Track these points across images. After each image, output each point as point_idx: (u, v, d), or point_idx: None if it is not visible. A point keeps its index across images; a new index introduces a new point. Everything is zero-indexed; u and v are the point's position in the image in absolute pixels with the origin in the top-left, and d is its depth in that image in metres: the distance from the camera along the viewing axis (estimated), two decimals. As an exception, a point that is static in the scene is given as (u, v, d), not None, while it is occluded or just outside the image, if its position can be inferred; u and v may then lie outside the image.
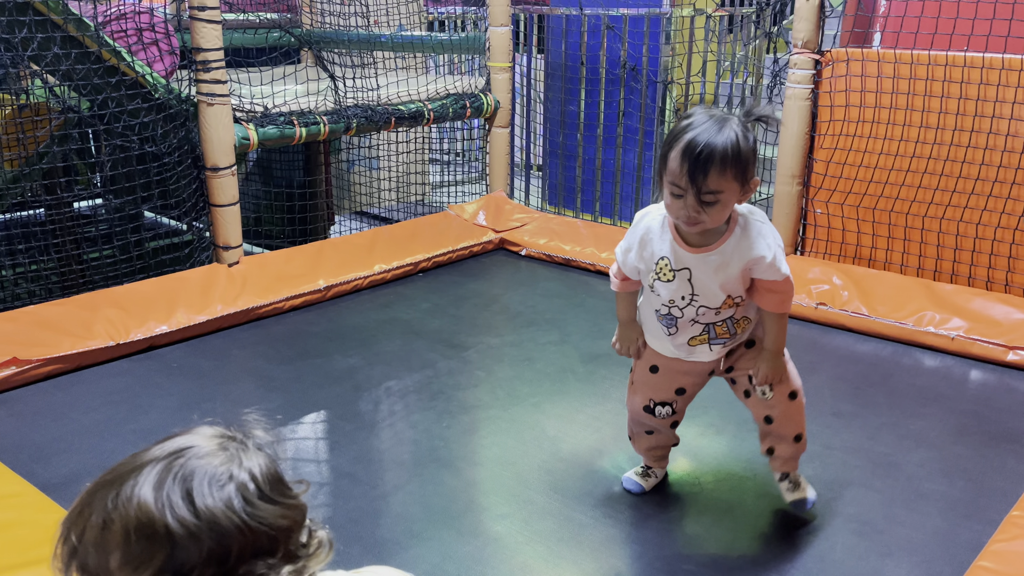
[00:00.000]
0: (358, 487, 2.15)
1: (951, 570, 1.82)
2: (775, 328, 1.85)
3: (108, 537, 0.82)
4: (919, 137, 3.30)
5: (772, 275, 1.78)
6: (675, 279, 1.80)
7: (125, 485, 0.84)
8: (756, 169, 1.70)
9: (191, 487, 0.84)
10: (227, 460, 0.88)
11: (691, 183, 1.63)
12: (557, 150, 4.90)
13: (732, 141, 1.63)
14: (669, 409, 1.99)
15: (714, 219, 1.69)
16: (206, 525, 0.83)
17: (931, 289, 3.19)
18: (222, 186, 3.35)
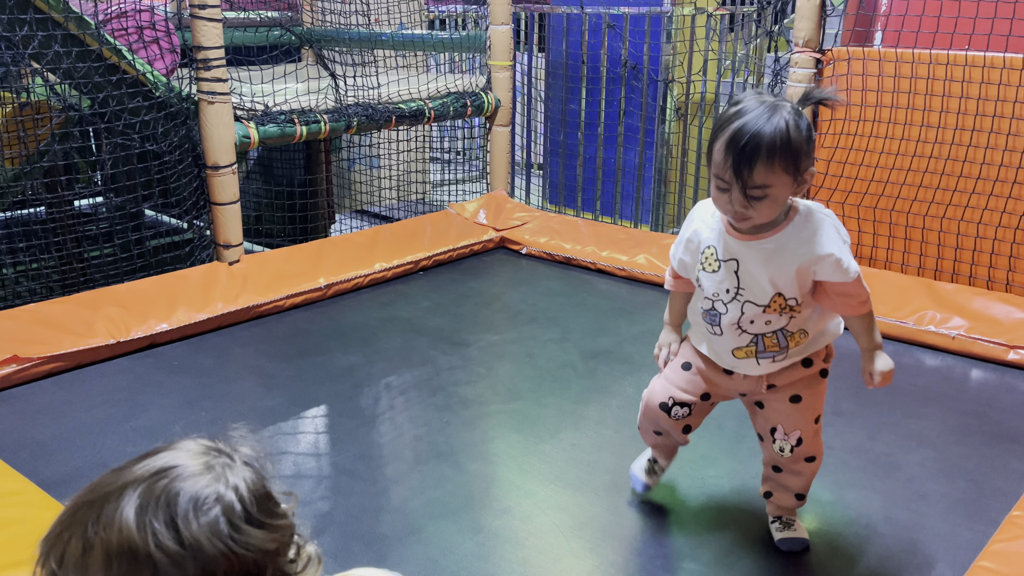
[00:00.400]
0: (359, 483, 2.15)
1: (953, 571, 1.82)
2: (863, 328, 1.68)
3: (89, 561, 0.80)
4: (920, 136, 3.30)
5: (840, 276, 1.59)
6: (720, 270, 1.65)
7: (107, 507, 0.81)
8: (812, 157, 1.56)
9: (175, 512, 0.81)
10: (213, 480, 0.84)
11: (736, 177, 1.50)
12: (558, 149, 4.90)
13: (781, 129, 1.48)
14: (687, 411, 1.85)
15: (764, 214, 1.55)
16: (190, 552, 0.80)
17: (932, 288, 3.19)
18: (223, 184, 3.35)
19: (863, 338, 1.70)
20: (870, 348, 1.70)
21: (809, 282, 1.62)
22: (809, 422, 1.78)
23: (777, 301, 1.63)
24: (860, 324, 1.69)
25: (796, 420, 1.78)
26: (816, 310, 1.68)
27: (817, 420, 1.80)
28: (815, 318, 1.70)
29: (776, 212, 1.56)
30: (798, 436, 1.78)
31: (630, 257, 3.74)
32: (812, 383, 1.77)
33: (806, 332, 1.69)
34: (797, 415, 1.77)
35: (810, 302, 1.65)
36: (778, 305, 1.63)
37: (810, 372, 1.75)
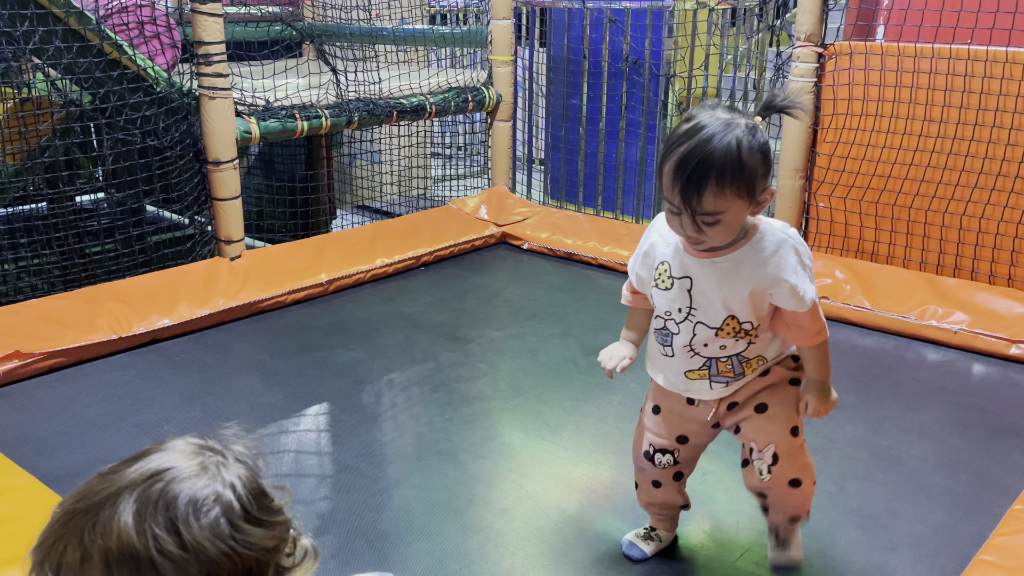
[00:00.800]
0: (360, 480, 2.15)
1: (954, 564, 1.82)
2: (812, 359, 1.57)
3: (88, 570, 0.78)
4: (922, 131, 3.29)
5: (795, 304, 1.49)
6: (673, 287, 1.54)
7: (102, 514, 0.79)
8: (769, 177, 1.43)
9: (175, 515, 0.79)
10: (209, 481, 0.83)
11: (685, 203, 1.39)
12: (559, 144, 4.89)
13: (732, 152, 1.36)
14: (670, 458, 1.72)
15: (717, 238, 1.45)
16: (193, 555, 0.79)
17: (934, 283, 3.18)
18: (224, 180, 3.35)
19: (810, 367, 1.59)
20: (814, 379, 1.59)
21: (765, 306, 1.52)
22: (783, 433, 1.61)
23: (730, 324, 1.52)
24: (810, 354, 1.57)
25: (768, 431, 1.61)
26: (777, 336, 1.59)
27: (795, 432, 1.62)
28: (776, 343, 1.59)
29: (731, 235, 1.47)
30: (772, 451, 1.60)
31: (631, 252, 3.73)
32: (777, 391, 1.62)
33: (764, 358, 1.59)
34: (768, 425, 1.61)
35: (767, 326, 1.56)
36: (731, 329, 1.53)
37: (771, 380, 1.62)
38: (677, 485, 1.78)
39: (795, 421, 1.62)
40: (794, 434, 1.62)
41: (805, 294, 1.48)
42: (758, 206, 1.44)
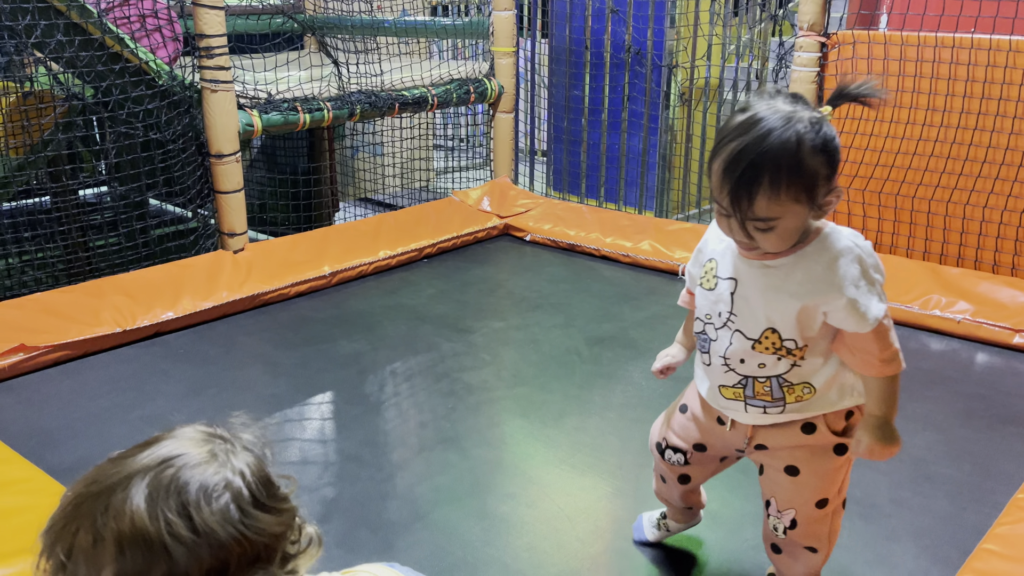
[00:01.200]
0: (365, 470, 2.16)
1: (957, 554, 1.82)
2: (876, 390, 1.35)
3: (100, 552, 0.79)
4: (926, 120, 3.28)
5: (855, 324, 1.28)
6: (716, 288, 1.39)
7: (114, 498, 0.80)
8: (835, 179, 1.26)
9: (187, 500, 0.81)
10: (219, 468, 0.85)
11: (734, 207, 1.23)
12: (562, 135, 4.88)
13: (790, 152, 1.20)
14: (681, 458, 1.59)
15: (772, 245, 1.28)
16: (204, 540, 0.80)
17: (937, 273, 3.18)
18: (226, 173, 3.35)
19: (871, 400, 1.36)
20: (875, 414, 1.36)
21: (817, 325, 1.32)
22: (808, 503, 1.44)
23: (769, 338, 1.34)
24: (874, 385, 1.35)
25: (791, 497, 1.45)
26: (832, 361, 1.37)
27: (822, 504, 1.44)
28: (828, 371, 1.36)
29: (787, 243, 1.28)
30: (792, 517, 1.46)
31: (634, 243, 3.74)
32: (816, 456, 1.41)
33: (811, 387, 1.37)
34: (793, 491, 1.44)
35: (821, 349, 1.34)
36: (771, 344, 1.34)
37: (813, 441, 1.40)
38: (681, 488, 1.65)
39: (827, 493, 1.43)
40: (820, 506, 1.44)
41: (868, 311, 1.27)
42: (820, 211, 1.26)
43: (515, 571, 1.79)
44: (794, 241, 1.29)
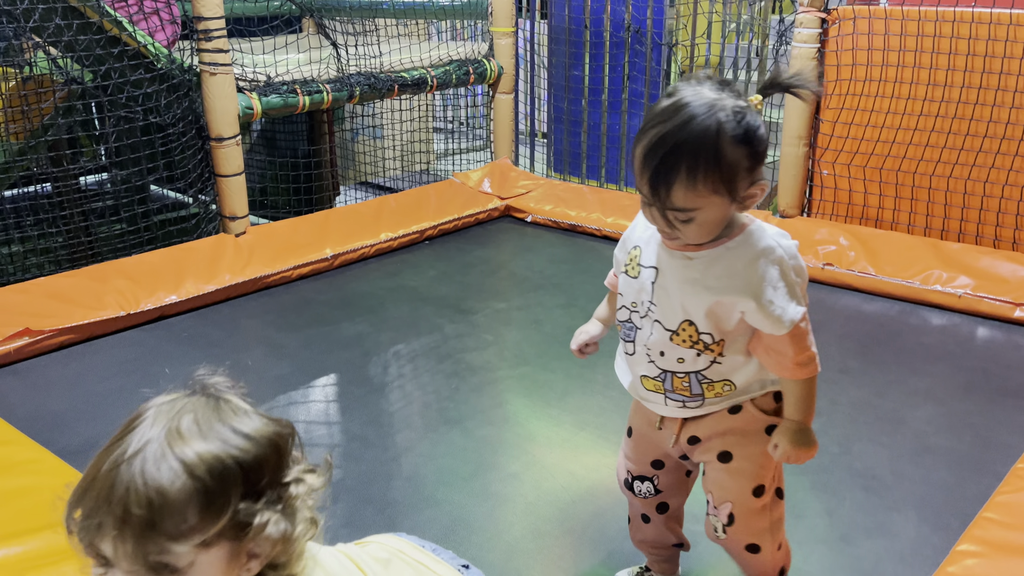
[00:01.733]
0: (369, 450, 2.18)
1: (958, 522, 1.84)
2: (793, 394, 1.31)
3: (180, 493, 0.82)
4: (926, 95, 3.27)
5: (769, 326, 1.25)
6: (639, 277, 1.35)
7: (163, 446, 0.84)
8: (759, 171, 1.22)
9: (231, 423, 0.88)
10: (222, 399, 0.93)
11: (653, 195, 1.20)
12: (562, 116, 4.87)
13: (709, 141, 1.16)
14: (650, 486, 1.52)
15: (693, 236, 1.25)
16: (263, 443, 0.88)
17: (938, 248, 3.18)
18: (227, 156, 3.35)
19: (789, 404, 1.32)
20: (791, 418, 1.32)
21: (732, 321, 1.28)
22: (744, 492, 1.38)
23: (687, 330, 1.30)
24: (791, 388, 1.31)
25: (726, 487, 1.39)
26: (754, 360, 1.33)
27: (759, 492, 1.38)
28: (750, 369, 1.34)
29: (709, 235, 1.25)
30: (728, 511, 1.40)
31: (635, 223, 3.74)
32: (748, 439, 1.37)
33: (731, 384, 1.34)
34: (727, 480, 1.39)
35: (741, 347, 1.32)
36: (688, 336, 1.30)
37: (743, 424, 1.36)
38: (664, 519, 1.56)
39: (762, 479, 1.38)
40: (757, 494, 1.38)
41: (784, 314, 1.24)
42: (743, 204, 1.23)
43: (520, 551, 1.81)
44: (716, 234, 1.26)
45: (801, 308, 1.26)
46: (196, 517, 0.82)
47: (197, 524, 0.82)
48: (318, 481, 0.94)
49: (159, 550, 0.82)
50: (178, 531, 0.82)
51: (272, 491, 0.88)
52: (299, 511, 0.90)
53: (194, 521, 0.82)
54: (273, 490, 0.88)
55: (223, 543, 0.85)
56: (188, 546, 0.83)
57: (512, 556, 1.78)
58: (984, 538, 1.66)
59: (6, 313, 2.70)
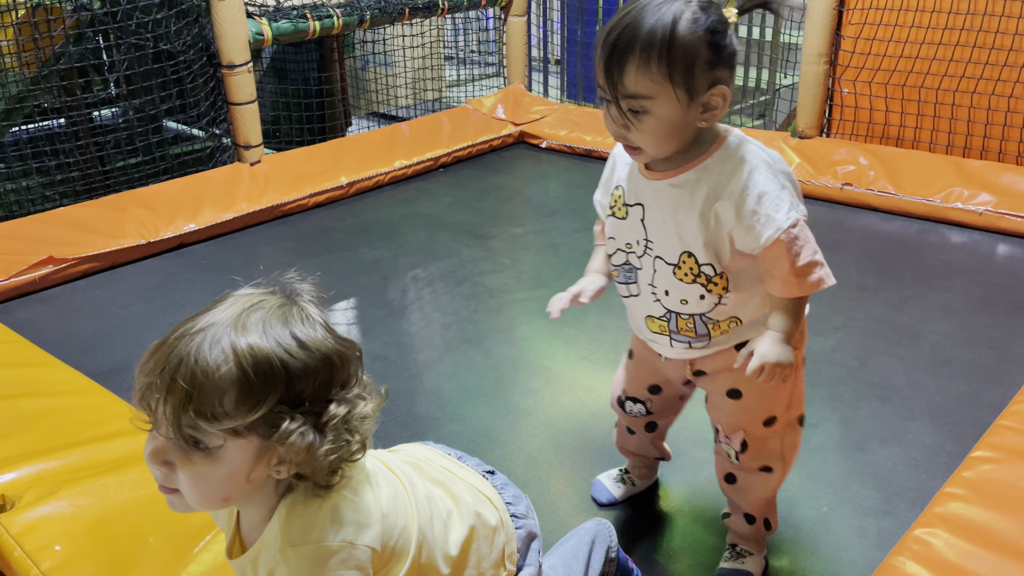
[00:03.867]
0: (392, 368, 2.22)
1: (973, 430, 1.86)
2: (780, 309, 1.24)
3: (222, 378, 0.85)
4: (951, 7, 3.18)
5: (754, 238, 1.19)
6: (628, 217, 1.30)
7: (224, 331, 0.88)
8: (720, 71, 1.16)
9: (292, 329, 0.90)
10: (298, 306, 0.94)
11: (608, 82, 1.16)
12: (576, 39, 4.78)
13: (664, 24, 1.12)
14: (642, 408, 1.54)
15: (648, 140, 1.18)
16: (316, 355, 0.90)
17: (960, 166, 3.14)
18: (239, 84, 3.32)
19: (775, 315, 1.24)
20: (774, 330, 1.24)
21: (726, 244, 1.22)
22: (755, 422, 1.37)
23: (687, 263, 1.25)
24: (780, 304, 1.24)
25: (736, 419, 1.38)
26: (759, 295, 1.28)
27: (770, 422, 1.36)
28: (756, 303, 1.29)
29: (666, 139, 1.18)
30: (741, 439, 1.39)
31: (651, 146, 3.70)
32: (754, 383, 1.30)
33: (738, 320, 1.30)
34: (738, 414, 1.37)
35: (745, 284, 1.26)
36: (689, 269, 1.25)
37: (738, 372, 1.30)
38: (651, 436, 1.59)
39: (773, 411, 1.36)
40: (768, 424, 1.36)
41: (767, 224, 1.17)
42: (705, 110, 1.17)
43: (541, 462, 1.85)
44: (677, 143, 1.19)
45: (794, 214, 1.18)
46: (231, 404, 0.86)
47: (231, 411, 0.86)
48: (367, 408, 0.96)
49: (192, 424, 0.86)
50: (211, 412, 0.85)
51: (314, 404, 0.91)
52: (336, 430, 0.92)
53: (228, 408, 0.86)
54: (315, 403, 0.91)
55: (253, 437, 0.88)
56: (217, 429, 0.86)
57: (533, 466, 1.83)
58: (1000, 444, 1.68)
59: (30, 242, 2.74)
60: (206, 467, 0.88)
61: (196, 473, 0.88)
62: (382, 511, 0.99)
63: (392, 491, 1.03)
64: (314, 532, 0.93)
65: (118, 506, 1.52)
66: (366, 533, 0.96)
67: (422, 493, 1.08)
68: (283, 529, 0.93)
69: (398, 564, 1.01)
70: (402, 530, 1.01)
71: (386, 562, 0.99)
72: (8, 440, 1.73)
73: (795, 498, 1.68)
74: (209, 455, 0.88)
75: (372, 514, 0.98)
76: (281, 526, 0.93)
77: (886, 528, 1.60)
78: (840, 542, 1.58)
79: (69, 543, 1.43)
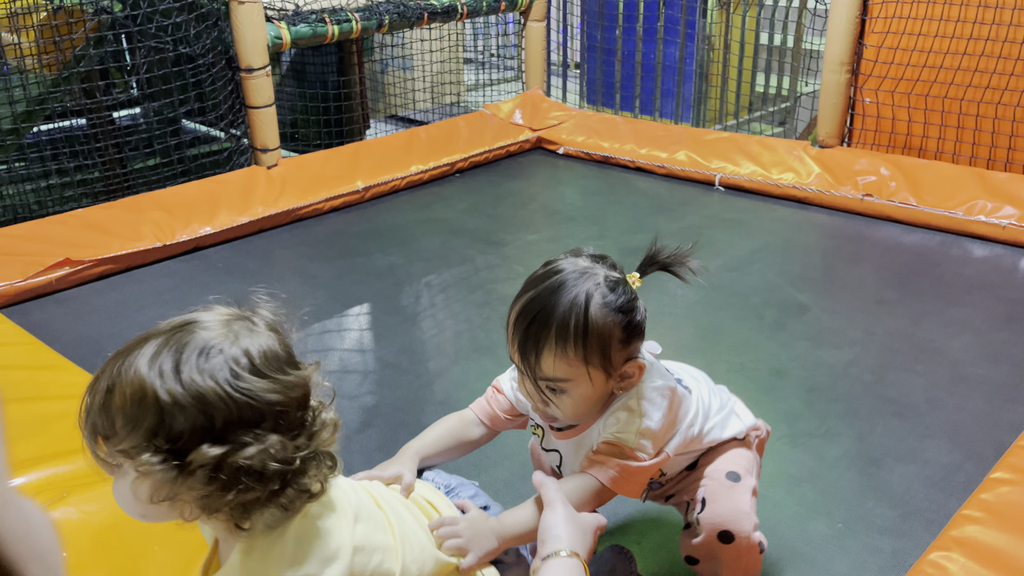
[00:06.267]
0: (403, 376, 2.21)
1: (991, 450, 1.82)
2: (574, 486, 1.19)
3: (111, 401, 0.88)
4: (977, 17, 3.13)
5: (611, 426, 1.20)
6: (549, 455, 1.33)
7: (131, 355, 0.89)
8: (634, 345, 1.19)
9: (180, 359, 0.87)
10: (224, 336, 0.89)
11: (524, 363, 1.16)
12: (595, 45, 4.76)
13: (578, 309, 1.12)
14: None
15: (567, 412, 1.19)
16: (190, 395, 0.86)
17: (983, 178, 3.09)
18: (257, 87, 3.34)
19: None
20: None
21: None
22: (717, 475, 1.31)
23: None
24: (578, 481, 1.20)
25: (698, 481, 1.33)
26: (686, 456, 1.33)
27: (735, 478, 1.30)
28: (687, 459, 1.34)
29: (586, 411, 1.19)
30: (703, 496, 1.30)
31: (670, 154, 3.68)
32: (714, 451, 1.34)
33: (688, 469, 1.36)
34: (699, 476, 1.33)
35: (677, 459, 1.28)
36: None
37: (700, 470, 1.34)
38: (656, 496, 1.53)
39: (737, 467, 1.31)
40: (735, 479, 1.30)
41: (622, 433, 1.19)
42: (622, 379, 1.18)
43: (551, 468, 1.83)
44: (594, 410, 1.20)
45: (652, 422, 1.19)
46: (120, 424, 0.87)
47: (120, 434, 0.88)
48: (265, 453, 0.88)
49: (94, 445, 0.90)
50: (105, 431, 0.89)
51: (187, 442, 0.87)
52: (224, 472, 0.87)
53: (119, 426, 0.88)
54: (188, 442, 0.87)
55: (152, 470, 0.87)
56: (112, 448, 0.88)
57: (543, 478, 1.81)
58: (1019, 466, 1.64)
59: (47, 243, 2.76)
60: (118, 481, 0.92)
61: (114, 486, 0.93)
62: (354, 545, 0.96)
63: (372, 525, 1.00)
64: (270, 566, 0.91)
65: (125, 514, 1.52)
66: (332, 567, 0.93)
67: (410, 528, 1.06)
68: (242, 559, 0.91)
69: None
70: (378, 565, 0.98)
71: None
72: (20, 444, 1.74)
73: (811, 513, 1.65)
74: (114, 472, 0.91)
75: (341, 548, 0.94)
76: (241, 555, 0.92)
77: (901, 548, 1.57)
78: (854, 560, 1.55)
79: (75, 550, 1.43)
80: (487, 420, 1.37)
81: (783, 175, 3.39)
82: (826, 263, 2.94)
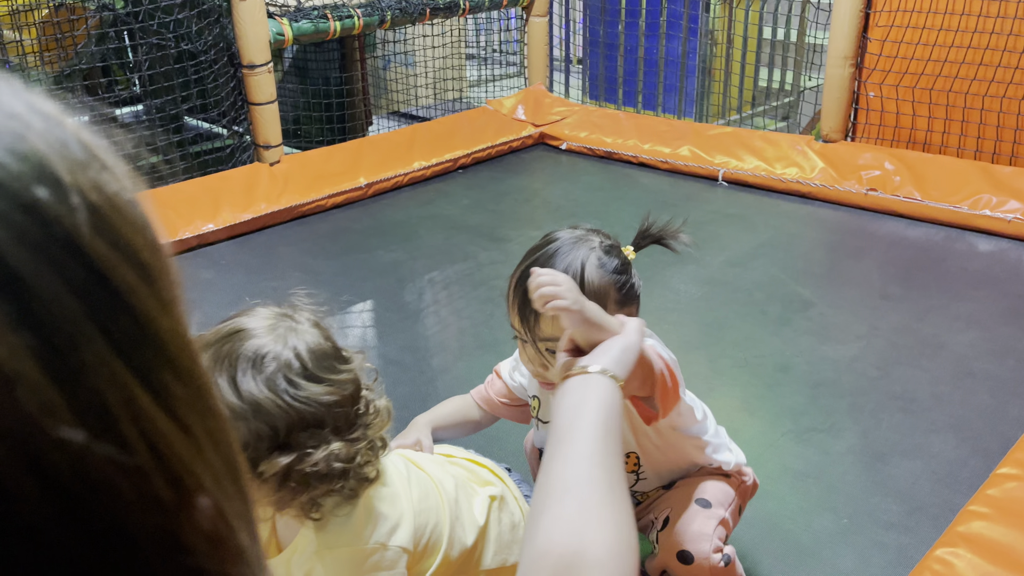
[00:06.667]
0: (407, 373, 2.21)
1: (997, 445, 1.81)
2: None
3: None
4: (981, 10, 3.12)
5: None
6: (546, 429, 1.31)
7: None
8: (629, 308, 1.23)
9: (235, 373, 0.88)
10: (274, 341, 0.92)
11: (523, 326, 1.23)
12: (598, 40, 4.74)
13: (575, 271, 1.18)
14: None
15: None
16: (250, 407, 0.87)
17: (989, 172, 3.07)
18: (259, 84, 3.33)
19: None
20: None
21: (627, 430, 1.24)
22: (685, 500, 1.30)
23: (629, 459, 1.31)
24: None
25: (667, 500, 1.34)
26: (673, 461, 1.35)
27: (705, 504, 1.29)
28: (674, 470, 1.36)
29: None
30: (666, 515, 1.30)
31: (673, 149, 3.67)
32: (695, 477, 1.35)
33: (664, 488, 1.37)
34: (669, 496, 1.35)
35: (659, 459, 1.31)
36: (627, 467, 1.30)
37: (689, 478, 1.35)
38: None
39: (710, 496, 1.31)
40: (705, 506, 1.29)
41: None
42: None
43: (555, 464, 1.83)
44: None
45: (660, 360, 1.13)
46: None
47: None
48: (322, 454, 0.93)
49: None
50: None
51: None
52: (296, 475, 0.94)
53: None
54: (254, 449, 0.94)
55: None
56: None
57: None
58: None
59: (50, 241, 2.75)
60: None
61: None
62: (414, 510, 1.03)
63: (423, 490, 1.07)
64: (348, 535, 0.96)
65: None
66: (398, 534, 1.00)
67: (451, 489, 1.12)
68: (318, 532, 0.96)
69: (430, 559, 1.05)
70: (434, 527, 1.05)
71: (418, 559, 1.03)
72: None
73: (816, 508, 1.65)
74: None
75: (404, 513, 1.01)
76: (315, 533, 0.97)
77: (907, 544, 1.56)
78: (860, 556, 1.54)
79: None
80: (483, 404, 1.48)
81: (787, 170, 3.38)
82: (830, 258, 2.93)
